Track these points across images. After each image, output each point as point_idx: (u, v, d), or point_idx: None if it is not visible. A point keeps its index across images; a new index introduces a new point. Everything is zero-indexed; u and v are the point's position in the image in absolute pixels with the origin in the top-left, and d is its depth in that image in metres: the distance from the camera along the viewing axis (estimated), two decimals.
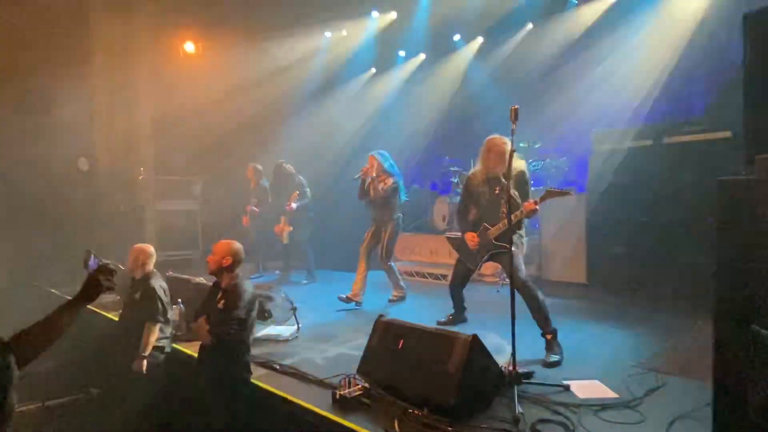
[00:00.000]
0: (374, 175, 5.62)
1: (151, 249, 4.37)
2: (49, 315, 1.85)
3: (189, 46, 8.41)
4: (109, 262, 2.13)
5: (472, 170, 4.45)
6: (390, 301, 5.82)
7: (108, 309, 5.51)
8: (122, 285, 5.22)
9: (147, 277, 4.22)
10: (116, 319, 4.77)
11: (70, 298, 1.98)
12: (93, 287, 2.02)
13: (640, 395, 3.08)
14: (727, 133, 5.20)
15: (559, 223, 6.47)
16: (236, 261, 3.59)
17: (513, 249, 3.59)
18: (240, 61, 8.35)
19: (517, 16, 8.02)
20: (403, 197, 5.85)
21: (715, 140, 5.28)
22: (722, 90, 5.79)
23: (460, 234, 4.49)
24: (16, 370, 1.41)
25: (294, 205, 7.02)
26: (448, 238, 4.88)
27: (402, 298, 5.86)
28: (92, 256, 2.17)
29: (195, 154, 8.94)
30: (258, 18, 7.88)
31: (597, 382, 3.31)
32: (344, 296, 5.61)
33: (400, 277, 5.95)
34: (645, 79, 6.54)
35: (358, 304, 5.64)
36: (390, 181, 5.61)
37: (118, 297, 5.60)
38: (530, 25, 8.31)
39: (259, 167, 7.84)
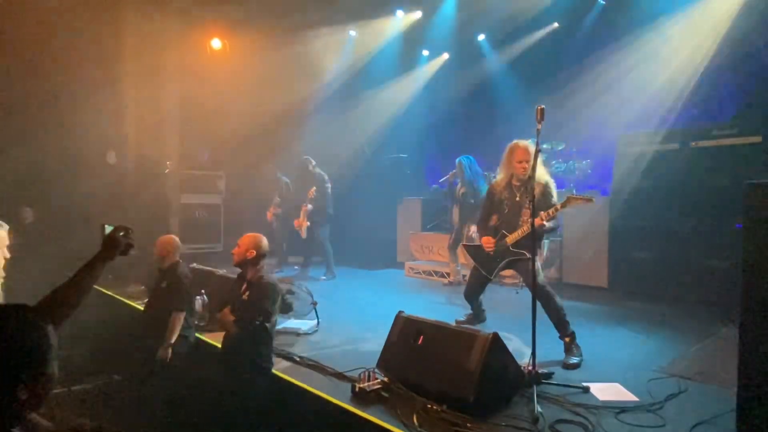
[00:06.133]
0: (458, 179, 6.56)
1: (177, 240, 4.46)
2: (74, 276, 1.89)
3: (216, 43, 8.52)
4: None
5: (494, 180, 4.40)
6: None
7: (134, 298, 5.65)
8: (148, 275, 5.37)
9: (173, 267, 4.31)
10: (142, 308, 4.89)
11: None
12: (112, 242, 2.02)
13: (661, 399, 3.05)
14: (758, 138, 5.11)
15: (582, 227, 6.40)
16: (260, 254, 3.65)
17: (532, 255, 3.57)
18: (266, 59, 8.44)
19: (543, 17, 7.96)
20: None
21: (745, 145, 5.19)
22: (753, 94, 5.68)
23: (476, 242, 4.46)
24: (55, 338, 1.40)
25: (309, 207, 7.15)
26: (465, 246, 4.86)
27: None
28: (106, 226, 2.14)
29: (220, 149, 9.10)
30: (284, 16, 7.97)
31: (617, 385, 3.29)
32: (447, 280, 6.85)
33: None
34: (673, 82, 6.44)
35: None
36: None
37: (144, 287, 5.76)
38: (556, 25, 8.25)
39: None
